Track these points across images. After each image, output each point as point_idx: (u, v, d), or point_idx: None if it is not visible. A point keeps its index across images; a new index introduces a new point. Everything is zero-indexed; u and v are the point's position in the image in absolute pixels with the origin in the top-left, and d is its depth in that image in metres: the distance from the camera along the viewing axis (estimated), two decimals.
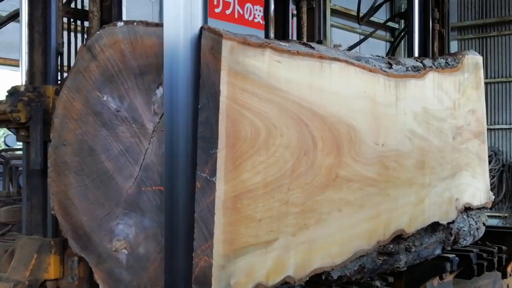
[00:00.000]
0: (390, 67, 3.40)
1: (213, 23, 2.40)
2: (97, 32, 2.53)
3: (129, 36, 2.44)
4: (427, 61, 3.77)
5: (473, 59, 4.05)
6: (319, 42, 4.97)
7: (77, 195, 2.52)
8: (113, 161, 2.46)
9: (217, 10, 11.77)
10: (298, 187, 2.63)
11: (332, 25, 14.21)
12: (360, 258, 3.08)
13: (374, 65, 3.21)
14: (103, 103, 2.48)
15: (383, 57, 3.57)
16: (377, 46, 14.94)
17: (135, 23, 2.44)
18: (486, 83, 16.02)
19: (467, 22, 16.80)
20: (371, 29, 14.49)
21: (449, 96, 3.77)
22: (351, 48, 6.96)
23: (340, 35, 12.51)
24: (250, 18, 12.28)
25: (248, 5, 12.25)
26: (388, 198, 3.19)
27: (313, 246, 2.72)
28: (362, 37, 15.00)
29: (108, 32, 2.49)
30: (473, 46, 16.89)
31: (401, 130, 3.32)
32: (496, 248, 5.05)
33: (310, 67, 2.72)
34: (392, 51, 7.53)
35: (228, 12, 12.15)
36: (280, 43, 2.64)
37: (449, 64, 3.84)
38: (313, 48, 2.93)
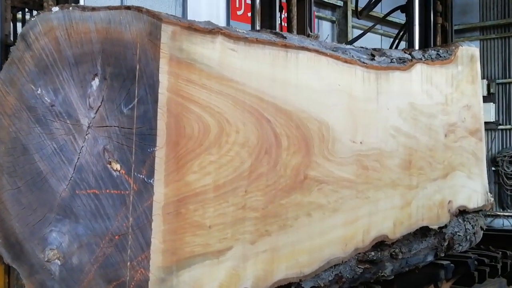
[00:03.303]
0: (373, 59, 3.12)
1: (235, 25, 2.14)
2: (32, 19, 2.28)
3: (64, 23, 2.19)
4: (416, 53, 3.49)
5: (468, 50, 3.76)
6: (309, 35, 4.69)
7: (9, 198, 2.28)
8: (46, 162, 2.21)
9: (239, 13, 11.63)
10: (258, 189, 2.37)
11: (353, 26, 13.89)
12: (335, 267, 2.81)
13: (352, 56, 2.94)
14: (37, 97, 2.24)
15: (366, 48, 3.30)
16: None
17: (70, 8, 2.19)
18: (508, 83, 15.53)
19: (489, 22, 16.37)
20: (390, 29, 14.13)
21: (440, 91, 3.49)
22: (350, 43, 6.67)
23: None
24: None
25: None
26: (367, 201, 2.92)
27: (276, 255, 2.45)
28: (383, 38, 14.66)
29: (43, 19, 2.24)
30: (495, 46, 16.41)
31: (383, 127, 3.04)
32: (500, 253, 4.77)
33: (272, 57, 2.45)
34: (395, 48, 7.21)
35: (250, 14, 11.93)
36: (237, 29, 2.38)
37: (440, 56, 3.56)
38: (284, 37, 2.67)
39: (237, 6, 11.59)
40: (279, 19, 4.70)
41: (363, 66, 2.93)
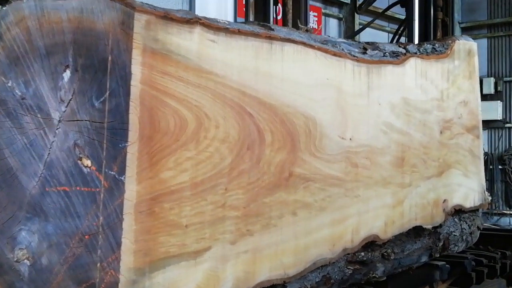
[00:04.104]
0: (364, 52, 3.02)
1: (242, 21, 2.06)
2: (3, 8, 2.19)
3: (36, 12, 2.10)
4: (411, 47, 3.39)
5: (466, 45, 3.65)
6: (298, 28, 4.58)
7: None
8: (16, 157, 2.11)
9: None
10: (240, 187, 2.27)
11: (360, 24, 13.80)
12: (323, 268, 2.70)
13: (342, 49, 2.83)
14: (8, 89, 2.14)
15: (359, 42, 3.20)
16: None
17: None
18: None
19: (497, 19, 16.17)
20: (394, 26, 14.00)
21: (435, 86, 3.38)
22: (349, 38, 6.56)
23: (368, 34, 12.11)
24: (279, 17, 12.00)
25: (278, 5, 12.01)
26: (357, 200, 2.81)
27: (258, 255, 2.35)
28: (390, 35, 14.53)
29: (15, 8, 2.14)
30: (503, 44, 16.21)
31: (375, 123, 2.94)
32: (499, 253, 4.67)
33: (255, 49, 2.35)
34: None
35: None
36: (218, 20, 2.28)
37: (436, 50, 3.45)
38: (271, 29, 2.57)
39: (244, 2, 11.49)
40: (274, 12, 4.59)
41: (353, 60, 2.83)
